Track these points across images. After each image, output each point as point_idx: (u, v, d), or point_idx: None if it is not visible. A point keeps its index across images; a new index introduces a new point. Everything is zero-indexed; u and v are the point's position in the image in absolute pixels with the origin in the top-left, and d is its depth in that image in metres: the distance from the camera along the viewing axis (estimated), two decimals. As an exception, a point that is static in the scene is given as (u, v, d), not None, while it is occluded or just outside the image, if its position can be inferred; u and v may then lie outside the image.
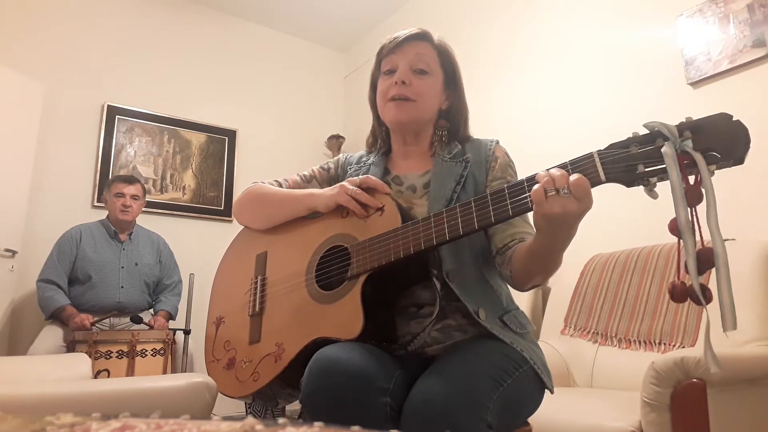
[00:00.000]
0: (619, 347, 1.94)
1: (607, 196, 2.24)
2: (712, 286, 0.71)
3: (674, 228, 0.73)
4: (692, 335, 1.74)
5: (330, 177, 1.27)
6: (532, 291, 2.40)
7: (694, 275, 0.72)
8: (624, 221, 2.29)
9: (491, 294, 1.07)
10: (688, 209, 0.72)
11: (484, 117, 3.02)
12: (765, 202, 1.91)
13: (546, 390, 1.04)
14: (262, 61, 4.12)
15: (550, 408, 1.11)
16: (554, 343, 2.11)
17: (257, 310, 1.13)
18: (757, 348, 1.56)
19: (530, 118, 2.86)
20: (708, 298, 0.71)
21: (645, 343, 1.86)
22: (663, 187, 0.77)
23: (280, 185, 1.27)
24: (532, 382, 0.99)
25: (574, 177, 0.78)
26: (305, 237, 1.12)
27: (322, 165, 1.30)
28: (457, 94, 1.19)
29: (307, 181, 1.27)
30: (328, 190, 1.10)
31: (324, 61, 4.45)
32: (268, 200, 1.22)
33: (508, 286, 1.13)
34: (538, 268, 0.95)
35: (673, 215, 0.73)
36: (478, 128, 1.24)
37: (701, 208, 0.73)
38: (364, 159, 1.26)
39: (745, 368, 1.46)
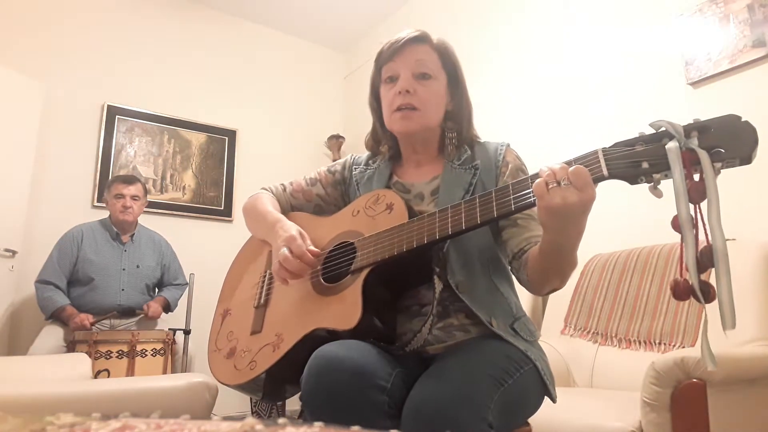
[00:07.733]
0: (619, 347, 1.94)
1: (608, 196, 2.25)
2: (715, 284, 0.70)
3: (677, 224, 0.72)
4: (692, 335, 1.74)
5: (335, 180, 1.27)
6: (532, 291, 2.40)
7: (693, 272, 0.71)
8: (624, 221, 2.29)
9: (502, 302, 1.07)
10: (690, 206, 0.71)
11: (483, 117, 3.02)
12: (765, 202, 1.91)
13: (547, 396, 1.05)
14: (262, 61, 4.11)
15: (550, 408, 1.11)
16: (554, 343, 2.11)
17: (262, 302, 1.15)
18: (757, 348, 1.55)
19: (530, 118, 2.86)
20: (711, 297, 0.70)
21: (645, 343, 1.86)
22: (668, 187, 0.76)
23: (285, 189, 1.31)
24: (533, 384, 0.99)
25: (573, 168, 0.78)
26: (315, 234, 1.13)
27: (329, 167, 1.30)
28: (460, 93, 1.18)
29: (312, 185, 1.28)
30: (281, 242, 1.07)
31: (324, 61, 4.45)
32: (252, 216, 1.27)
33: (517, 294, 1.13)
34: (552, 268, 0.93)
35: (675, 213, 0.73)
36: (477, 128, 1.24)
37: (707, 207, 0.72)
38: (371, 162, 1.25)
39: (745, 368, 1.45)
